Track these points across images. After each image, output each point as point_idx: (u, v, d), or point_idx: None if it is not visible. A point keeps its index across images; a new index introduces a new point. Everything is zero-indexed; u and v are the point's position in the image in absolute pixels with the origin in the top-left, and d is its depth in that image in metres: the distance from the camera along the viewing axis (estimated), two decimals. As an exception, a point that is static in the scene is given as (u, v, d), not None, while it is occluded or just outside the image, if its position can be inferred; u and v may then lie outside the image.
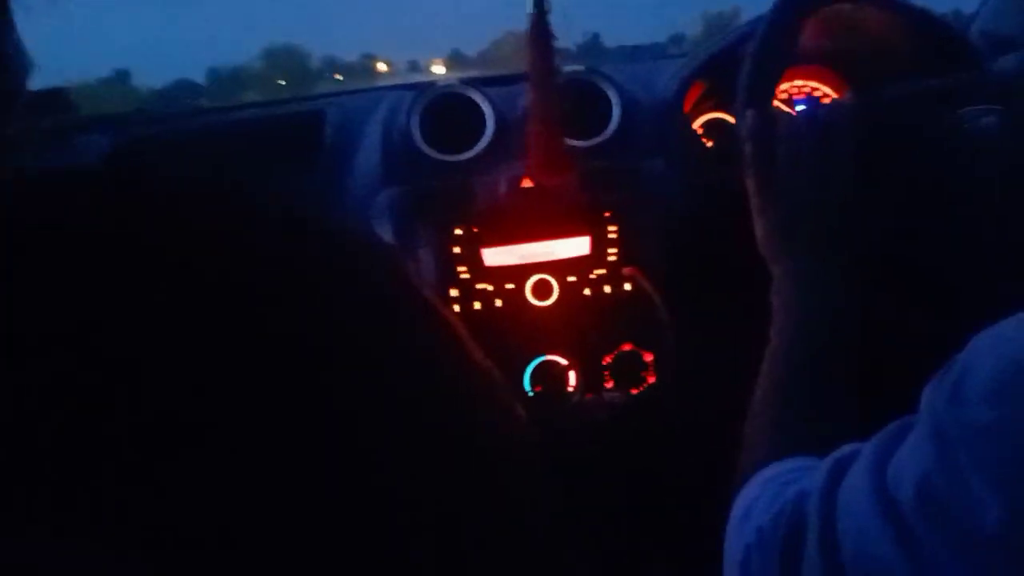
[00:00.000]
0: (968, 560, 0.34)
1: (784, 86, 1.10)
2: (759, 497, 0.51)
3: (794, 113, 1.10)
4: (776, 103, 1.05)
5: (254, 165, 1.08)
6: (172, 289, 0.25)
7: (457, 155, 0.98)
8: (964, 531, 0.34)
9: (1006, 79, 0.95)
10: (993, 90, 0.80)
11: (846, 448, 0.45)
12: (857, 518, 0.40)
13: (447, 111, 1.01)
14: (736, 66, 0.88)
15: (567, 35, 0.90)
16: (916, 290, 0.78)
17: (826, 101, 1.11)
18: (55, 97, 1.20)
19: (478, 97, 1.00)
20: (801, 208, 0.71)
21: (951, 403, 0.36)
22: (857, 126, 0.75)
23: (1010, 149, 0.77)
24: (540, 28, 0.84)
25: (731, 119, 1.09)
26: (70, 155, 1.10)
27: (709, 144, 1.09)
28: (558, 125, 0.88)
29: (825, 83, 1.12)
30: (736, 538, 0.50)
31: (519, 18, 0.85)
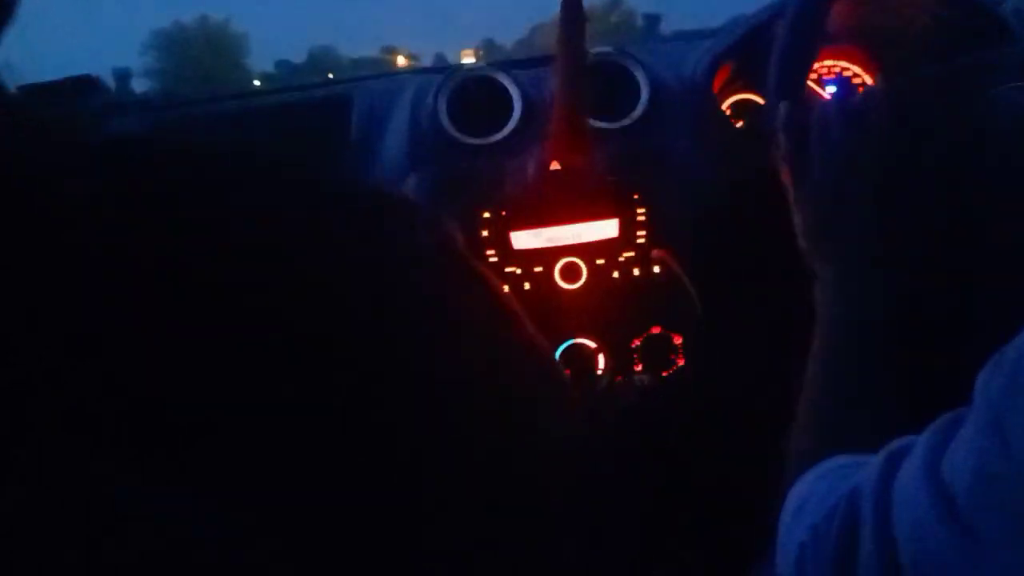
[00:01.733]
0: None
1: (814, 66, 1.09)
2: (811, 493, 0.51)
3: (825, 95, 1.09)
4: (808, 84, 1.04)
5: (282, 148, 1.09)
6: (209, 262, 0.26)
7: (485, 138, 0.98)
8: None
9: None
10: None
11: (898, 442, 0.45)
12: (913, 513, 0.39)
13: (475, 94, 1.01)
14: (765, 46, 0.86)
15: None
16: (960, 277, 0.76)
17: (856, 81, 1.10)
18: (87, 82, 1.21)
19: (505, 80, 1.00)
20: (837, 200, 0.70)
21: (1010, 391, 0.35)
22: (889, 112, 0.73)
23: None
24: (571, 7, 0.83)
25: (760, 100, 1.08)
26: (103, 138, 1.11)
27: (738, 125, 1.08)
28: (582, 106, 0.87)
29: (854, 62, 1.10)
30: (789, 536, 0.50)
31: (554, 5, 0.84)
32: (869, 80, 1.10)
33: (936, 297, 0.77)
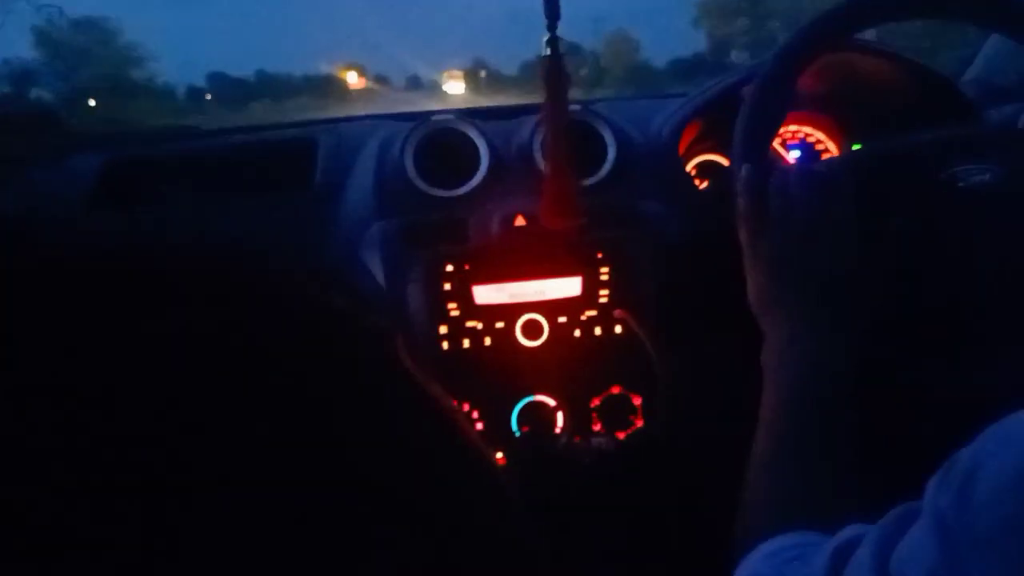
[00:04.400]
0: None
1: (779, 131, 1.10)
2: (760, 574, 0.50)
3: (788, 160, 1.11)
4: (772, 148, 1.06)
5: (247, 191, 1.07)
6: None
7: (451, 190, 0.98)
8: None
9: (1000, 133, 0.96)
10: (988, 144, 0.81)
11: (847, 532, 0.44)
12: None
13: (442, 144, 1.01)
14: (732, 109, 0.87)
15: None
16: (914, 348, 0.77)
17: (819, 147, 1.12)
18: (46, 116, 1.19)
19: (473, 133, 1.00)
20: (790, 266, 0.71)
21: (958, 505, 0.35)
22: (848, 184, 0.74)
23: (1003, 207, 0.77)
24: (555, 74, 0.83)
25: (725, 161, 1.09)
26: (62, 174, 1.09)
27: (702, 186, 1.09)
28: (572, 172, 0.88)
29: (819, 128, 1.12)
30: None
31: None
32: (832, 146, 1.12)
33: (888, 365, 0.78)
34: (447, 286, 0.95)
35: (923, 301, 0.77)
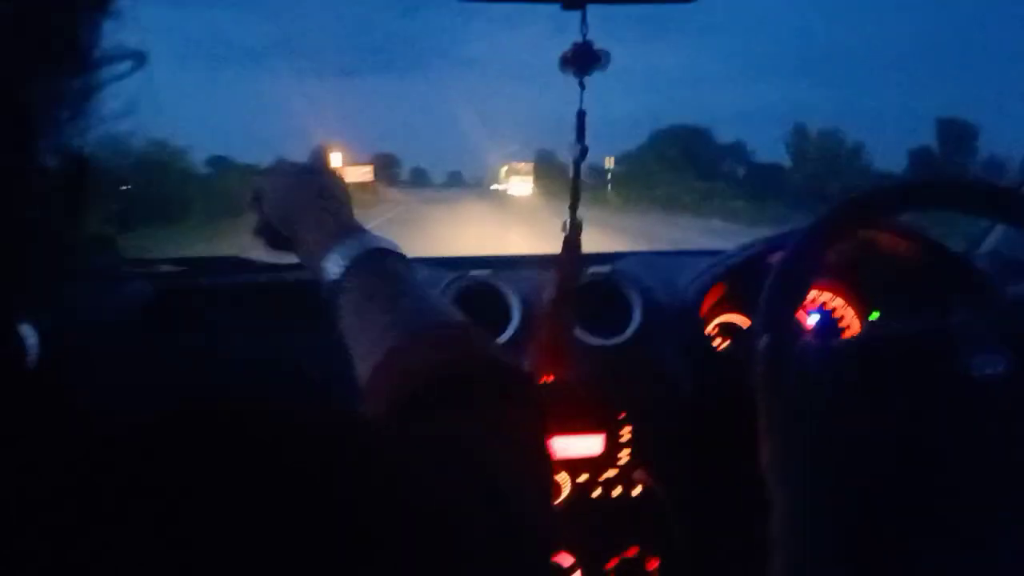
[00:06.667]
0: None
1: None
2: None
3: (807, 326, 1.14)
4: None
5: (285, 324, 1.12)
6: None
7: (482, 343, 1.02)
8: None
9: (1015, 317, 0.99)
10: (1000, 334, 0.83)
11: None
12: None
13: (478, 294, 1.05)
14: (759, 273, 0.89)
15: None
16: (914, 529, 0.79)
17: (837, 315, 1.15)
18: (103, 240, 1.25)
19: (507, 290, 1.04)
20: (802, 442, 0.74)
21: None
22: (865, 366, 0.77)
23: (1013, 398, 0.79)
24: (571, 247, 0.88)
25: (745, 323, 1.13)
26: (116, 301, 1.14)
27: (722, 346, 1.12)
28: (567, 328, 0.92)
29: (838, 295, 1.16)
30: None
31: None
32: (850, 313, 1.15)
33: (885, 544, 0.79)
34: (472, 439, 0.98)
35: (924, 484, 0.79)
